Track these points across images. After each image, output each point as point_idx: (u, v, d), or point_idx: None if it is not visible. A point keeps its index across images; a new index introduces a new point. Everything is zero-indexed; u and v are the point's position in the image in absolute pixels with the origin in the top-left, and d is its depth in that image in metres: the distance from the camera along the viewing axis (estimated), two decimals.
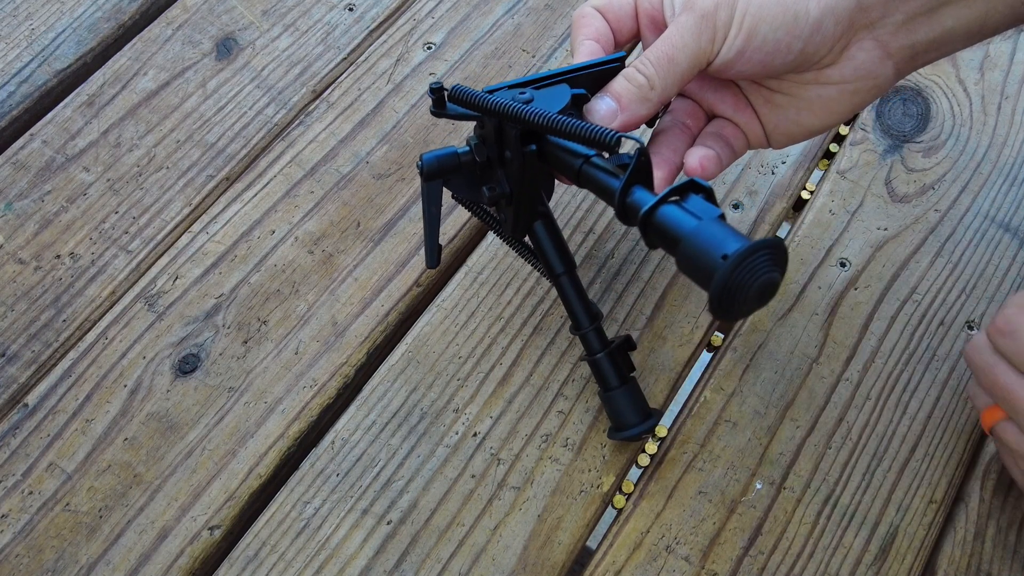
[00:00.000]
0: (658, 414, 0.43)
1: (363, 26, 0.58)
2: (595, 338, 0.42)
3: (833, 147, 0.54)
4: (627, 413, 0.42)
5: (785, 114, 0.40)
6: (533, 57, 0.57)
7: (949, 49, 0.38)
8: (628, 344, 0.43)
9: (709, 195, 0.31)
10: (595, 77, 0.38)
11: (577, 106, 0.38)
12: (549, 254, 0.42)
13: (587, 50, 0.39)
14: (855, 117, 0.55)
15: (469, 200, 0.45)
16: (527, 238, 0.43)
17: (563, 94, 0.37)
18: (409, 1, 0.59)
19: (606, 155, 0.35)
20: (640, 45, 0.42)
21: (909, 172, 0.53)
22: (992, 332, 0.39)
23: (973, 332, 0.48)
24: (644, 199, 0.31)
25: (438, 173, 0.40)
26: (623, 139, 0.33)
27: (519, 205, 0.40)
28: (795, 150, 0.54)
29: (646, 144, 0.35)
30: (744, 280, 0.28)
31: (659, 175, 0.39)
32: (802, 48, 0.36)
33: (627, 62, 0.38)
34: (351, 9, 0.59)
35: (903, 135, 0.54)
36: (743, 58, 0.36)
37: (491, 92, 0.37)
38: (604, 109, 0.37)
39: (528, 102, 0.36)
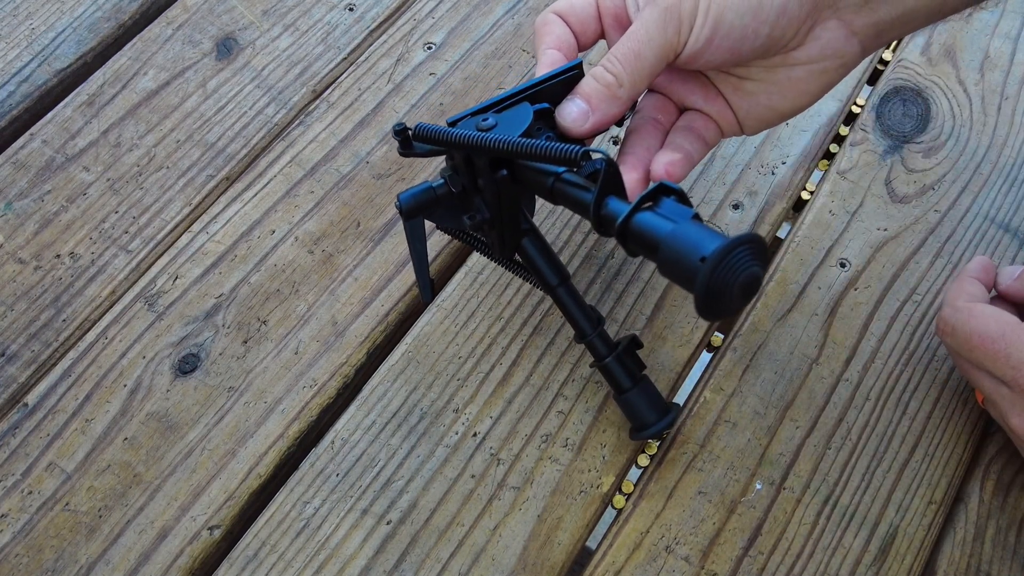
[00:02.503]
0: (676, 408, 0.44)
1: (363, 26, 0.58)
2: (600, 343, 0.42)
3: (833, 148, 0.54)
4: (645, 412, 0.42)
5: (756, 99, 0.40)
6: (533, 57, 0.57)
7: (913, 26, 0.39)
8: (635, 343, 0.43)
9: (681, 197, 0.31)
10: (557, 88, 0.38)
11: (544, 120, 0.38)
12: (542, 269, 0.42)
13: (549, 60, 0.39)
14: (855, 117, 0.55)
15: (453, 228, 0.45)
16: (517, 256, 0.43)
17: (526, 114, 0.37)
18: (409, 1, 0.59)
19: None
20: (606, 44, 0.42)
21: (909, 173, 0.53)
22: (939, 332, 0.43)
23: None
24: (618, 209, 0.32)
25: (417, 210, 0.40)
26: (589, 153, 0.32)
27: (502, 227, 0.40)
28: (795, 151, 0.54)
29: (618, 146, 0.36)
30: (726, 279, 0.28)
31: (635, 176, 0.39)
32: (769, 32, 0.36)
33: (596, 60, 0.38)
34: (351, 9, 0.59)
35: (903, 136, 0.54)
36: (711, 47, 0.36)
37: (453, 123, 0.38)
38: (575, 112, 0.37)
39: (491, 128, 0.37)
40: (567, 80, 0.38)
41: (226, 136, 0.54)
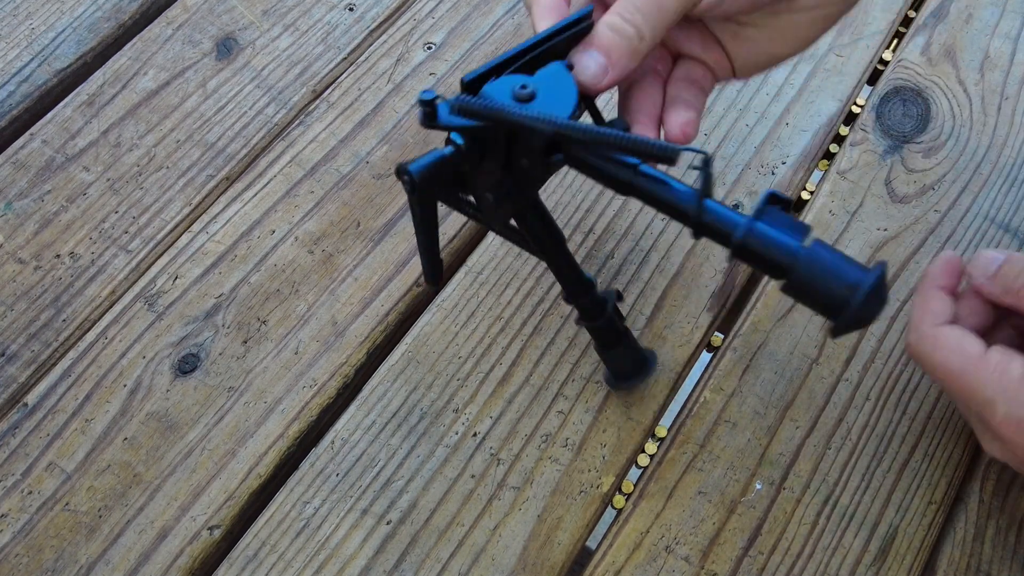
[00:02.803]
0: (652, 355, 0.45)
1: (363, 26, 0.58)
2: (591, 305, 0.41)
3: (833, 148, 0.54)
4: (626, 365, 0.44)
5: (756, 46, 0.39)
6: None
7: None
8: (618, 297, 0.43)
9: (787, 205, 0.31)
10: (570, 41, 0.35)
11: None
12: (540, 234, 0.40)
13: (547, 5, 0.37)
14: (855, 117, 0.55)
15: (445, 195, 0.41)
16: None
17: (565, 81, 0.34)
18: (409, 1, 0.59)
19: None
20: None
21: (909, 173, 0.53)
22: (910, 356, 0.43)
23: None
24: (730, 220, 0.31)
25: (431, 182, 0.35)
26: (681, 152, 0.30)
27: (517, 202, 0.38)
28: (795, 151, 0.54)
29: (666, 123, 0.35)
30: (871, 309, 0.29)
31: (646, 133, 0.37)
32: None
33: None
34: (351, 9, 0.59)
35: (903, 136, 0.54)
36: None
37: (471, 82, 0.34)
38: (594, 67, 0.34)
39: (531, 96, 0.33)
40: (580, 33, 0.35)
41: (226, 136, 0.54)
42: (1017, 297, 0.39)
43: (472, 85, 0.34)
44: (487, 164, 0.35)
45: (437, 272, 0.41)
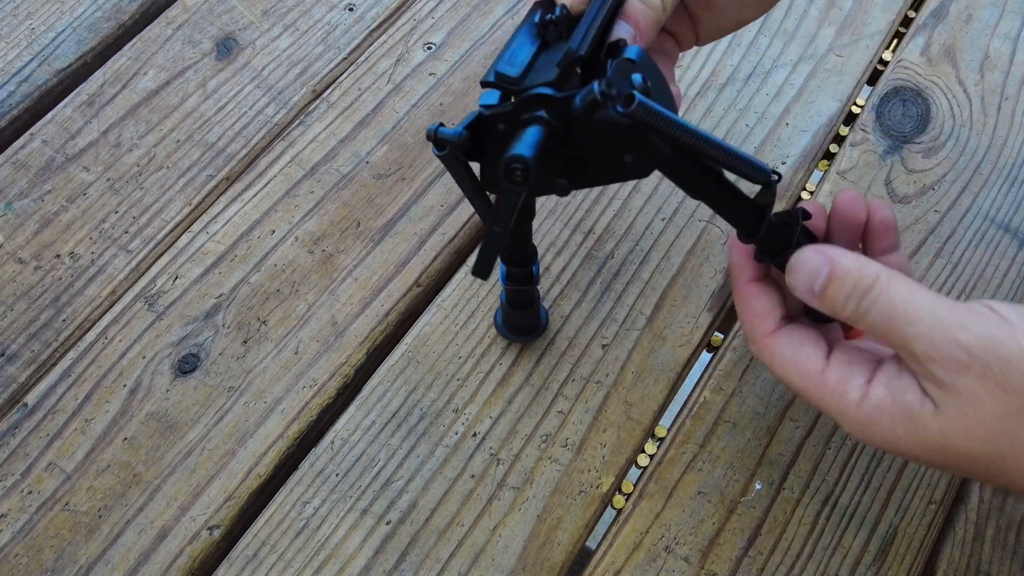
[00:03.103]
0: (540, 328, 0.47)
1: (363, 26, 0.58)
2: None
3: (833, 148, 0.54)
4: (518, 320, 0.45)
5: (726, 14, 0.39)
6: None
7: None
8: (806, 215, 0.38)
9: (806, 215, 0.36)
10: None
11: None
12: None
13: None
14: (855, 117, 0.55)
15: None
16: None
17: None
18: (409, 1, 0.59)
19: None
20: None
21: (909, 173, 0.53)
22: None
23: None
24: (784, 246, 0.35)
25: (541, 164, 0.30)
26: (771, 174, 0.33)
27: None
28: (795, 151, 0.54)
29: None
30: None
31: None
32: None
33: None
34: (351, 9, 0.59)
35: (903, 136, 0.54)
36: None
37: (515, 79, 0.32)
38: (625, 36, 0.34)
39: (650, 90, 0.30)
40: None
41: (226, 136, 0.54)
42: (846, 320, 0.33)
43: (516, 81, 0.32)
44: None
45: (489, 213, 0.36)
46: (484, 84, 0.33)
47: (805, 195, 0.53)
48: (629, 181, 0.36)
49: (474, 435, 0.45)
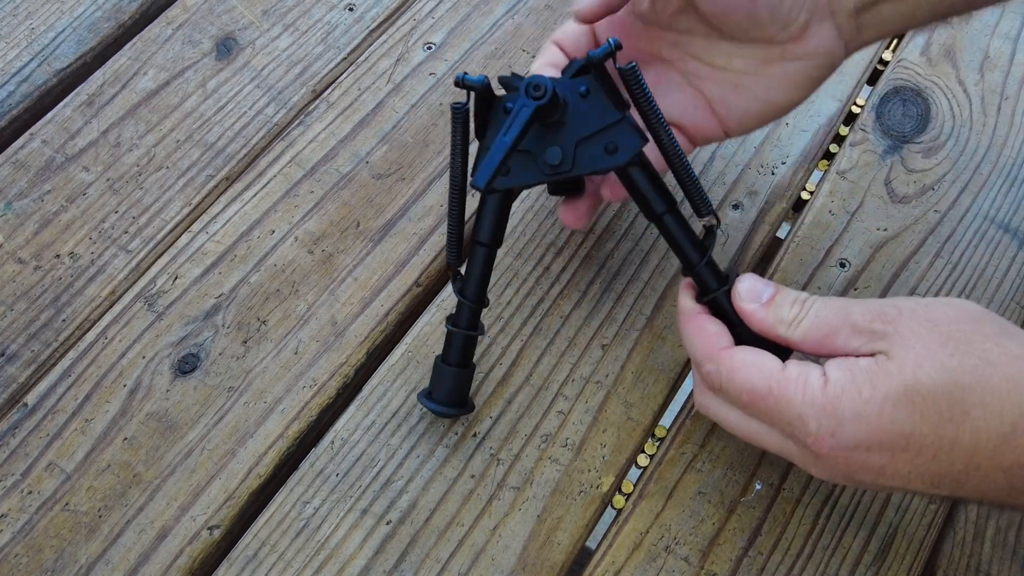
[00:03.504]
0: (470, 407, 0.44)
1: (363, 26, 0.58)
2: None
3: (833, 148, 0.54)
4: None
5: (754, 94, 0.42)
6: (533, 57, 0.57)
7: (888, 30, 0.41)
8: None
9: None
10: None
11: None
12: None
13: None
14: (855, 117, 0.55)
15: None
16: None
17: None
18: (409, 1, 0.59)
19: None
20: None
21: (909, 173, 0.53)
22: (702, 402, 0.40)
23: None
24: (709, 285, 0.40)
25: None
26: (712, 215, 0.41)
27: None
28: (795, 151, 0.54)
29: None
30: None
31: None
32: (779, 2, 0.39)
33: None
34: (351, 9, 0.59)
35: (903, 136, 0.54)
36: None
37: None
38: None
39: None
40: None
41: (226, 136, 0.54)
42: (784, 331, 0.37)
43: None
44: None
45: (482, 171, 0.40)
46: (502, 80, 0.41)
47: (805, 195, 0.53)
48: (608, 172, 0.41)
49: (474, 435, 0.45)
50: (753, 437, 0.38)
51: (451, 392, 0.42)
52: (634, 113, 0.41)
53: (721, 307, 0.40)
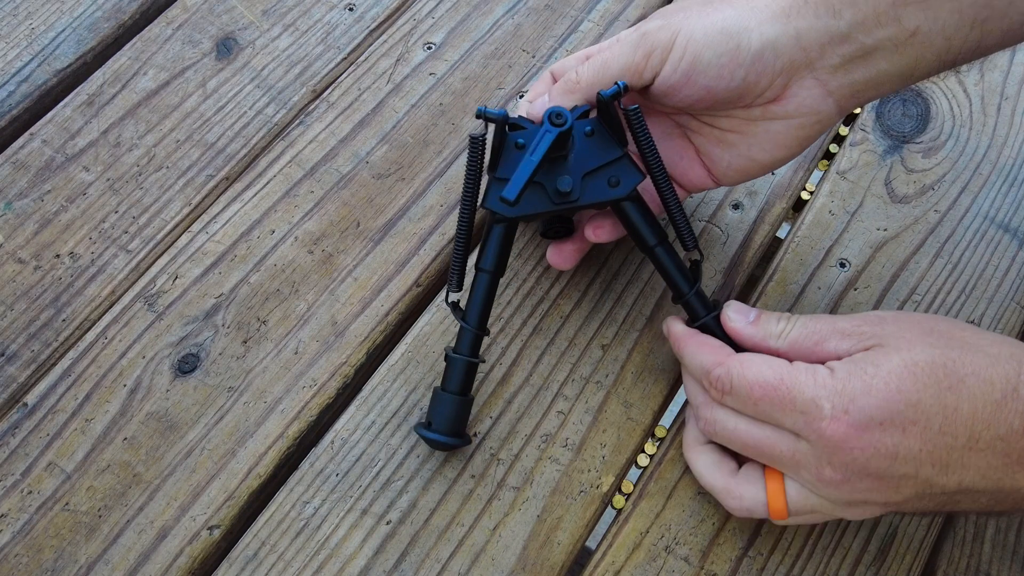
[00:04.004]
0: (467, 440, 0.44)
1: (363, 26, 0.58)
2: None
3: (833, 148, 0.54)
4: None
5: (738, 151, 0.43)
6: (533, 57, 0.57)
7: (887, 88, 0.41)
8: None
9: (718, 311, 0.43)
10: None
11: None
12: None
13: (524, 109, 0.44)
14: (854, 117, 0.55)
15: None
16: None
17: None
18: (409, 1, 0.59)
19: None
20: None
21: (909, 173, 0.53)
22: (710, 418, 0.40)
23: None
24: (698, 312, 0.43)
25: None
26: (696, 250, 0.44)
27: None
28: None
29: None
30: None
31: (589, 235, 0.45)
32: (744, 76, 0.39)
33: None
34: (351, 9, 0.59)
35: (903, 136, 0.54)
36: (689, 82, 0.39)
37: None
38: (540, 101, 0.42)
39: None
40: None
41: (226, 136, 0.54)
42: (773, 341, 0.40)
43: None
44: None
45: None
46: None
47: (805, 195, 0.53)
48: (609, 205, 0.43)
49: (474, 435, 0.45)
50: (763, 445, 0.38)
51: (452, 421, 0.43)
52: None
53: (711, 332, 0.42)
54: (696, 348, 0.41)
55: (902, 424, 0.34)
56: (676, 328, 0.43)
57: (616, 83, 0.39)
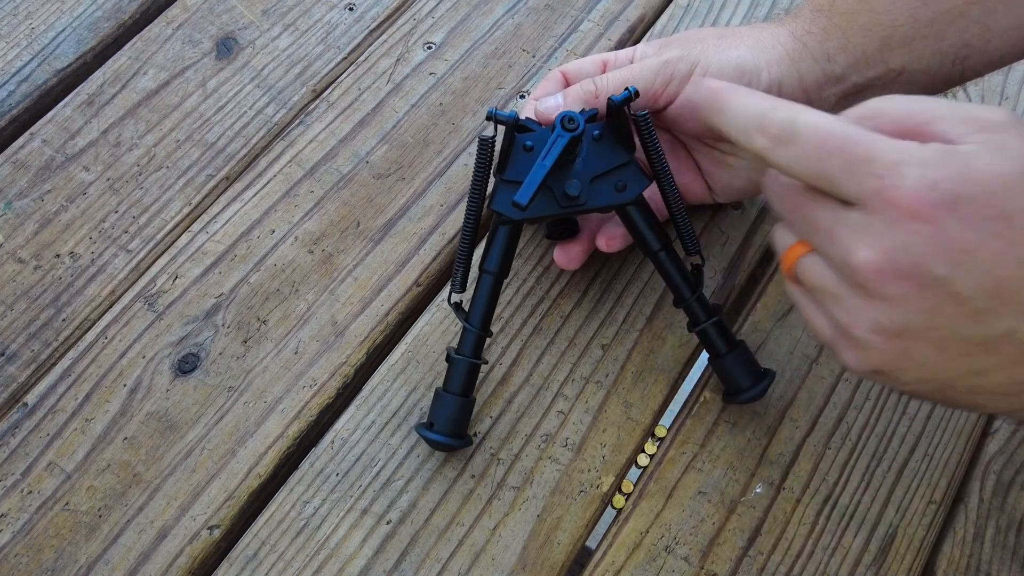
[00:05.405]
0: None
1: (363, 26, 0.58)
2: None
3: None
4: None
5: (736, 172, 0.45)
6: (533, 57, 0.57)
7: None
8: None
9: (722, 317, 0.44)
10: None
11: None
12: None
13: (530, 109, 0.44)
14: None
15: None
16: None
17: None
18: (409, 1, 0.59)
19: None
20: None
21: None
22: (769, 177, 0.34)
23: None
24: (699, 317, 0.43)
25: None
26: (698, 255, 0.44)
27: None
28: None
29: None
30: (757, 395, 0.44)
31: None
32: None
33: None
34: (351, 9, 0.59)
35: None
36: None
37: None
38: (551, 102, 0.43)
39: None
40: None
41: (226, 136, 0.54)
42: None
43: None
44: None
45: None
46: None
47: None
48: (614, 209, 0.44)
49: (474, 435, 0.45)
50: (805, 205, 0.32)
51: (454, 422, 0.43)
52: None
53: (712, 338, 0.43)
54: (747, 93, 0.34)
55: (985, 219, 0.27)
56: (712, 82, 0.36)
57: (627, 88, 0.40)
